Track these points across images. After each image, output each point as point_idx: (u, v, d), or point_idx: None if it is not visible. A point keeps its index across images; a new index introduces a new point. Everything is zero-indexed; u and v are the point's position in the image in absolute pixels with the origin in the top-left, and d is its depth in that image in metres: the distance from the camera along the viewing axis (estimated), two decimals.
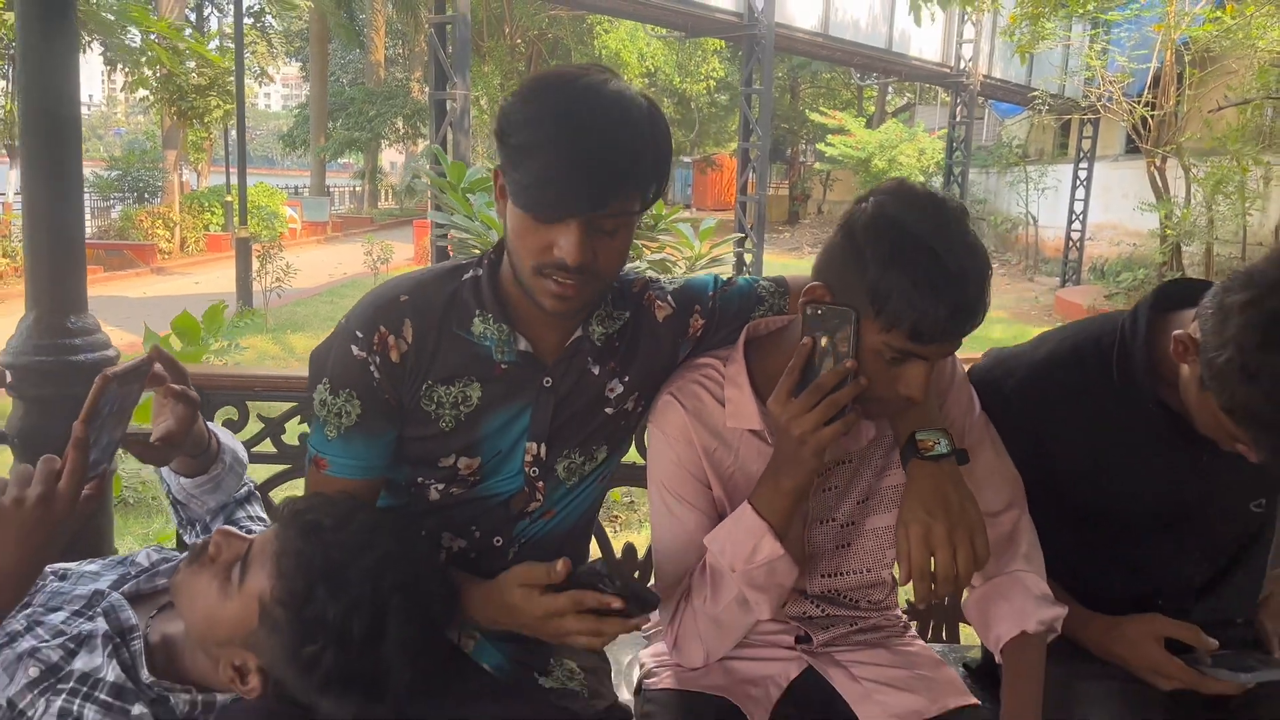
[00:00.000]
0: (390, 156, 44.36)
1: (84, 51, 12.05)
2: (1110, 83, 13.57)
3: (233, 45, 22.02)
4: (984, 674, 1.65)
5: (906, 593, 1.48)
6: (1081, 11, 9.00)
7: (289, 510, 1.22)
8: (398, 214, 30.10)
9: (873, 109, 30.60)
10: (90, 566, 1.40)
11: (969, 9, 9.58)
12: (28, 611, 1.28)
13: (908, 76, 20.91)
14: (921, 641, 1.54)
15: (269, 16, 21.52)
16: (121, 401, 1.21)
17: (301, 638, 1.14)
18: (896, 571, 1.50)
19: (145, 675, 1.21)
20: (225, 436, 1.53)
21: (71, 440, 1.14)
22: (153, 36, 13.12)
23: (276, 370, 2.14)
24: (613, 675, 1.54)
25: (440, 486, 1.37)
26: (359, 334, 1.30)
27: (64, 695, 1.17)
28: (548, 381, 1.34)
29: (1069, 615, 1.39)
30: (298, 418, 2.05)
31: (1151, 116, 13.12)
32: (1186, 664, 1.39)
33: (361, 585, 1.14)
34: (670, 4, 12.97)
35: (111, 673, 1.19)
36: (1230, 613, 1.52)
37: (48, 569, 1.37)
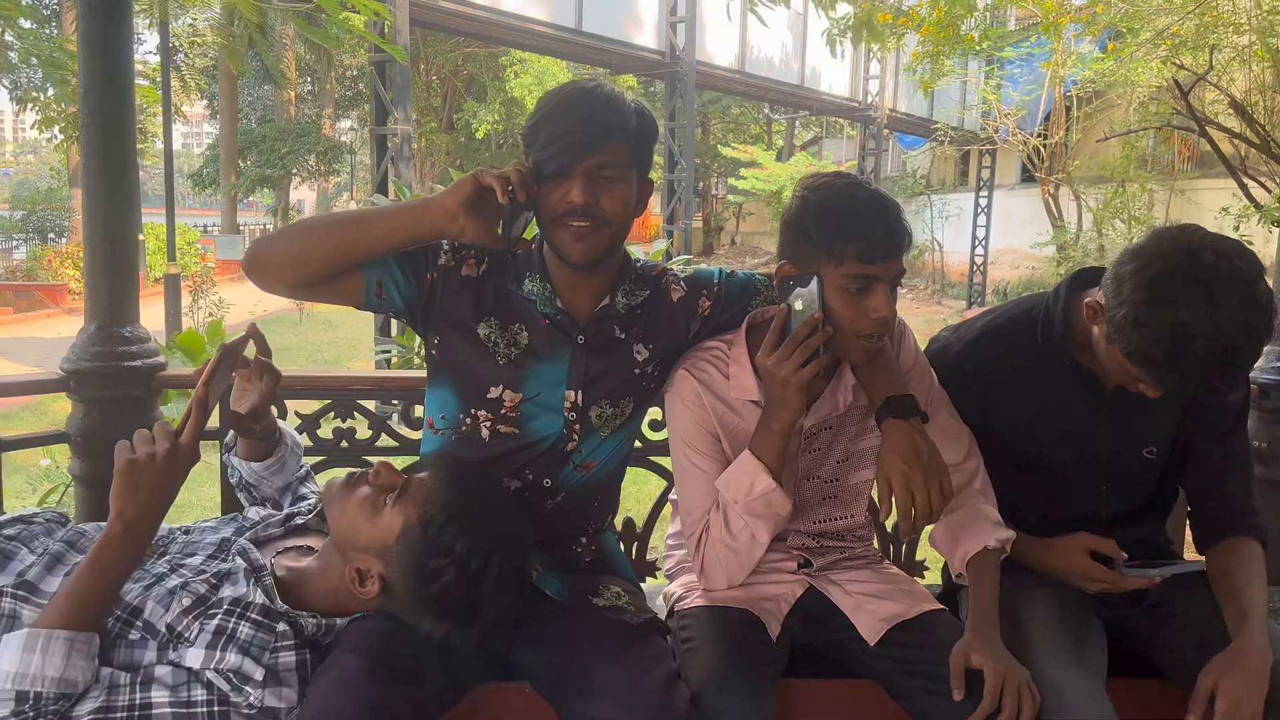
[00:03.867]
0: (301, 194, 43.77)
1: None
2: (1005, 116, 14.49)
3: (144, 82, 21.68)
4: (942, 598, 1.98)
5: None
6: (977, 50, 9.68)
7: (440, 461, 1.51)
8: None
9: (781, 143, 31.51)
10: (209, 523, 1.64)
11: (874, 47, 10.21)
12: (167, 558, 1.52)
13: (818, 111, 21.75)
14: (895, 566, 1.87)
15: (181, 54, 21.24)
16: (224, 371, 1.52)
17: (430, 555, 1.40)
18: (870, 511, 1.83)
19: (279, 604, 1.45)
20: (283, 424, 1.82)
21: (194, 400, 1.41)
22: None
23: (313, 370, 2.38)
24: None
25: (489, 424, 1.64)
26: (447, 245, 1.62)
27: (219, 616, 1.39)
28: (581, 339, 1.64)
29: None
30: (331, 413, 2.29)
31: (1044, 147, 14.06)
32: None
33: (480, 532, 1.42)
34: (595, 43, 13.36)
35: (258, 597, 1.43)
36: (1138, 538, 1.86)
37: (175, 526, 1.61)
